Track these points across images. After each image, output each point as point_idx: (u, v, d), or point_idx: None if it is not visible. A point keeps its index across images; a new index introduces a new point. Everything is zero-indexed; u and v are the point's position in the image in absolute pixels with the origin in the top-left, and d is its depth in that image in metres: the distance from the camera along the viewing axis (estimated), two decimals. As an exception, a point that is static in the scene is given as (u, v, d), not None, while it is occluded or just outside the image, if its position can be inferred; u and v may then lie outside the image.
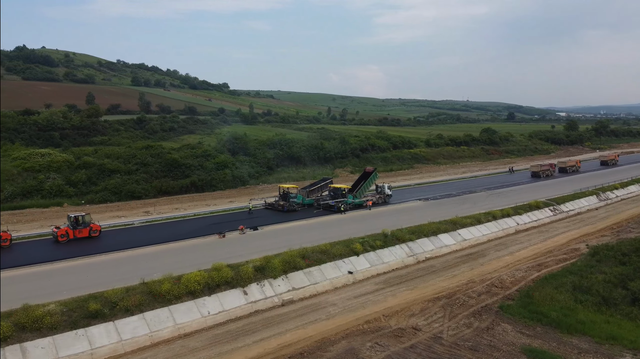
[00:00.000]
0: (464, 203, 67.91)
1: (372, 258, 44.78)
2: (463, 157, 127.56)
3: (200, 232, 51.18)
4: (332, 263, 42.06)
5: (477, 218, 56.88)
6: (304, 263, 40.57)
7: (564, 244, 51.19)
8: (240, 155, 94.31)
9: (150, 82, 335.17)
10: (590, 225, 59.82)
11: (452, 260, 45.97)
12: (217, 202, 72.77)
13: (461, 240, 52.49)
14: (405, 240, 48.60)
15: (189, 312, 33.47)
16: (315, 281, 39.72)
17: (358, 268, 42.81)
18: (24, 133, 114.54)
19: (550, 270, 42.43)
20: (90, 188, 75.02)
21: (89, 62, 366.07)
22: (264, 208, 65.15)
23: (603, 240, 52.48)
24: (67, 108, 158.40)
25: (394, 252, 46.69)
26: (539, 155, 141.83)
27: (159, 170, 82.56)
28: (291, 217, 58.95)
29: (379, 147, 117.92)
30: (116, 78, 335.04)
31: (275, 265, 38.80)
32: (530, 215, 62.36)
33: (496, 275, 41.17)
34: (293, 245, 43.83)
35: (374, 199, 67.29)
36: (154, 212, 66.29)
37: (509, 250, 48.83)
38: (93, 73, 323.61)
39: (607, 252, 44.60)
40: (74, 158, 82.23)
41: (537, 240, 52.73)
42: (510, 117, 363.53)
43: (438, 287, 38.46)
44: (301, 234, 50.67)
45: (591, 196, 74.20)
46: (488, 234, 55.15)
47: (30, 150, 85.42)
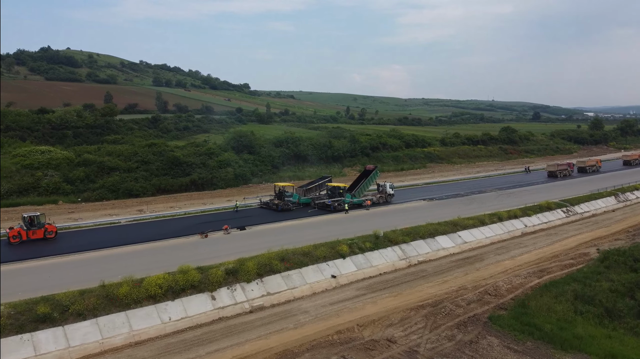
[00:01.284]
0: (470, 203, 64.18)
1: (359, 261, 41.71)
2: (479, 156, 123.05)
3: (184, 231, 48.91)
4: (314, 266, 39.14)
5: (481, 220, 53.22)
6: (283, 266, 37.75)
7: (572, 248, 47.20)
8: (244, 154, 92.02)
9: (172, 82, 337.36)
10: (604, 228, 55.50)
11: (446, 264, 42.55)
12: (215, 201, 70.55)
13: (461, 242, 48.95)
14: (399, 241, 45.35)
15: (148, 318, 30.96)
16: (293, 285, 36.86)
17: (343, 272, 39.78)
18: (38, 131, 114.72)
19: (553, 276, 38.71)
20: (88, 185, 73.66)
21: (112, 63, 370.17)
22: (259, 207, 62.61)
23: (616, 243, 48.30)
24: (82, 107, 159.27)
25: (385, 255, 43.52)
26: (560, 154, 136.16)
27: (159, 168, 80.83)
28: (284, 217, 56.22)
29: (391, 145, 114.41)
30: (138, 78, 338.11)
31: (250, 267, 36.06)
32: (540, 217, 58.33)
33: (492, 281, 37.66)
34: (278, 245, 41.21)
35: (374, 198, 64.10)
36: (147, 210, 64.44)
37: (510, 254, 45.11)
38: (115, 73, 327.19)
39: (618, 258, 40.55)
40: (75, 155, 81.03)
41: (543, 244, 48.83)
42: (536, 117, 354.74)
43: (425, 294, 35.17)
44: (290, 234, 47.95)
45: (609, 197, 69.55)
46: (491, 236, 51.45)
47: (31, 147, 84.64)
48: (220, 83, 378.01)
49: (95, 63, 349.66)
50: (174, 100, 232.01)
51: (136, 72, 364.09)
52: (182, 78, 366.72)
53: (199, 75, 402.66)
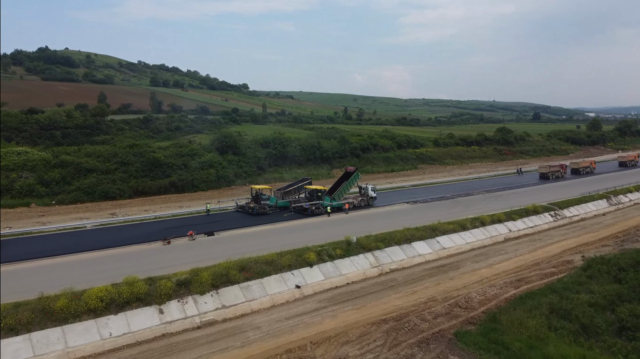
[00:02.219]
0: (455, 206, 61.71)
1: (327, 269, 39.28)
2: (473, 157, 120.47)
3: (149, 237, 46.53)
4: (277, 276, 36.73)
5: (462, 224, 50.71)
6: (242, 276, 35.35)
7: (556, 255, 44.67)
8: (228, 154, 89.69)
9: (169, 82, 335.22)
10: (592, 233, 52.92)
11: (419, 272, 40.08)
12: (194, 204, 68.25)
13: (439, 248, 46.49)
14: (372, 248, 42.93)
15: (87, 333, 28.63)
16: (252, 297, 34.45)
17: (308, 281, 37.37)
18: (25, 132, 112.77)
19: (531, 286, 36.23)
20: (63, 187, 71.47)
21: (110, 63, 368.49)
22: (236, 210, 60.23)
23: (603, 250, 45.77)
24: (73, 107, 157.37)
25: (356, 262, 41.10)
26: (556, 155, 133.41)
27: (139, 169, 78.52)
28: (258, 221, 53.82)
29: (382, 146, 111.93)
30: (135, 79, 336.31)
31: (204, 278, 33.64)
32: (526, 221, 55.78)
33: (464, 292, 35.18)
34: (244, 253, 39.02)
35: (355, 202, 61.68)
36: (120, 214, 62.24)
37: (488, 262, 42.60)
38: (113, 74, 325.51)
39: (601, 266, 37.99)
40: (52, 156, 78.79)
41: (525, 250, 46.30)
42: (536, 117, 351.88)
43: (390, 306, 32.73)
44: (260, 240, 45.61)
45: (600, 199, 66.93)
46: (472, 242, 48.95)
47: (8, 147, 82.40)
48: (218, 84, 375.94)
49: (92, 63, 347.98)
50: (170, 100, 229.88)
51: (134, 73, 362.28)
52: (180, 79, 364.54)
53: (197, 76, 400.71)
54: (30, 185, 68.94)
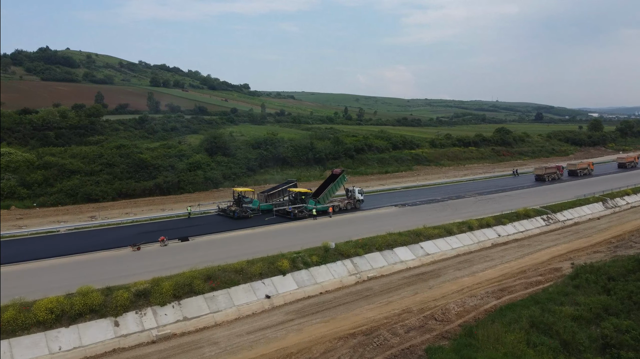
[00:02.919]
0: (444, 209, 59.71)
1: (302, 277, 37.39)
2: (470, 158, 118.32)
3: (121, 242, 44.70)
4: (246, 285, 34.87)
5: (448, 229, 48.72)
6: (207, 286, 33.48)
7: (544, 262, 42.60)
8: (218, 155, 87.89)
9: (169, 82, 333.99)
10: (584, 238, 50.78)
11: (397, 280, 38.11)
12: (178, 206, 66.40)
13: (422, 254, 44.52)
14: (351, 254, 41.04)
15: (34, 347, 26.87)
16: (217, 308, 32.58)
17: (280, 291, 35.48)
18: (18, 132, 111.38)
19: (514, 297, 34.23)
20: (45, 189, 69.84)
21: (111, 63, 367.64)
22: (217, 214, 58.39)
23: (595, 256, 43.69)
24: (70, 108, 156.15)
25: (333, 270, 39.20)
26: (555, 156, 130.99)
27: (124, 171, 76.85)
28: (239, 225, 51.94)
29: (377, 147, 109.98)
30: (136, 79, 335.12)
31: (165, 288, 31.83)
32: (517, 225, 53.74)
33: (442, 302, 33.20)
34: (217, 259, 37.51)
35: (340, 205, 59.75)
36: (99, 217, 60.54)
37: (472, 269, 40.57)
38: (113, 74, 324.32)
39: (590, 276, 35.92)
40: (36, 157, 77.19)
41: (512, 256, 44.24)
42: (538, 118, 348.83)
43: (361, 318, 30.79)
44: (236, 246, 43.75)
45: (596, 203, 64.73)
46: (458, 247, 46.97)
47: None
48: (219, 84, 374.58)
49: (93, 63, 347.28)
50: (169, 100, 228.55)
51: (134, 73, 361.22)
52: (180, 79, 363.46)
53: (198, 76, 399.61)
54: (11, 187, 67.37)
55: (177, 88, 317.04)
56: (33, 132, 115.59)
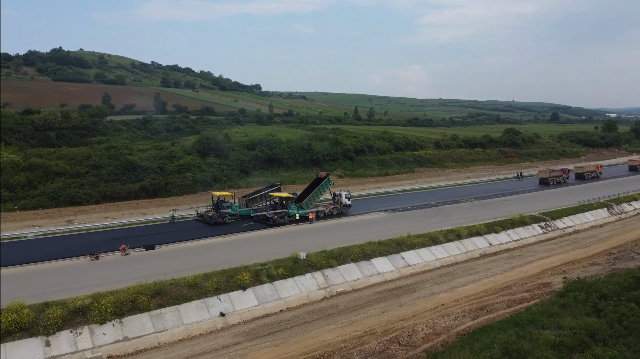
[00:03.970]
0: (435, 215, 56.34)
1: (264, 293, 34.44)
2: (476, 160, 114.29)
3: (86, 250, 42.14)
4: (199, 302, 32.04)
5: (434, 237, 45.39)
6: (154, 303, 30.73)
7: (533, 276, 39.08)
8: (210, 157, 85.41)
9: (180, 83, 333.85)
10: (582, 248, 47.00)
11: (368, 296, 34.95)
12: (161, 210, 63.85)
13: (403, 265, 41.28)
14: (323, 266, 38.01)
15: (-51, 372, 24.35)
16: (163, 327, 29.80)
17: (237, 308, 32.59)
18: (19, 132, 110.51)
19: (492, 317, 30.90)
20: (28, 192, 67.95)
21: (122, 64, 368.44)
22: (195, 219, 55.72)
23: (591, 270, 40.06)
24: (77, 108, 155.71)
25: (301, 284, 36.19)
26: (566, 158, 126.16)
27: (111, 172, 74.76)
28: (213, 232, 49.21)
29: (378, 148, 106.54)
30: (147, 79, 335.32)
31: (105, 305, 29.15)
32: (511, 234, 50.16)
33: (411, 323, 30.01)
34: (179, 271, 35.21)
35: (325, 210, 56.71)
36: (76, 221, 58.38)
37: (452, 283, 37.22)
38: (124, 74, 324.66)
39: (580, 294, 32.35)
40: (22, 159, 75.44)
41: (499, 269, 40.76)
42: (554, 118, 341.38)
43: (316, 342, 27.74)
44: (203, 255, 41.04)
45: (600, 209, 60.71)
46: (443, 258, 43.62)
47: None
48: (230, 84, 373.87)
49: (105, 64, 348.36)
50: (177, 100, 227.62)
51: (146, 73, 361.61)
52: (191, 79, 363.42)
53: (209, 76, 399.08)
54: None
55: (187, 89, 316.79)
56: (34, 132, 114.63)
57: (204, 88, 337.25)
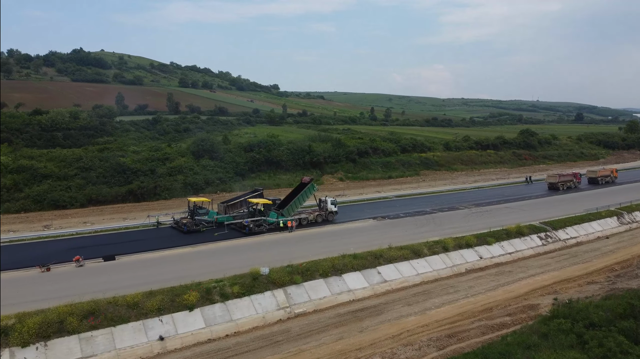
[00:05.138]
0: (427, 224, 52.47)
1: (214, 314, 31.26)
2: (487, 162, 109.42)
3: (46, 259, 39.61)
4: (137, 323, 29.08)
5: (417, 250, 41.65)
6: (86, 324, 27.87)
7: (520, 296, 35.05)
8: (205, 159, 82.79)
9: (198, 83, 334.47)
10: (582, 264, 42.61)
11: (327, 319, 31.45)
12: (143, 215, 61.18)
13: (379, 281, 37.69)
14: (286, 283, 34.68)
15: None
16: (92, 352, 26.96)
17: (180, 331, 29.50)
18: (27, 133, 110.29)
19: (461, 347, 27.17)
20: (13, 195, 66.23)
21: (142, 64, 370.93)
22: (171, 226, 52.90)
23: (587, 289, 35.86)
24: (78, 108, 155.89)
25: (258, 303, 32.92)
26: (583, 161, 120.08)
27: (100, 175, 72.58)
28: (183, 241, 46.24)
29: (383, 150, 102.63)
30: (165, 79, 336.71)
31: (29, 326, 26.40)
32: (505, 246, 46.03)
33: (367, 353, 26.49)
34: (131, 286, 32.73)
35: (309, 217, 53.34)
36: (53, 227, 56.34)
37: (425, 305, 33.45)
38: (143, 75, 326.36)
39: (564, 322, 28.29)
40: (12, 161, 73.93)
41: (483, 287, 36.77)
42: (579, 118, 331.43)
43: (251, 376, 24.42)
44: (163, 268, 38.16)
45: (609, 217, 55.96)
46: (425, 273, 39.85)
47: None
48: (248, 84, 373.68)
49: (125, 64, 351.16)
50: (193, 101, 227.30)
51: (165, 74, 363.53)
52: (209, 80, 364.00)
53: (228, 77, 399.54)
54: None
55: (205, 89, 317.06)
56: (41, 133, 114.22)
57: (221, 89, 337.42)
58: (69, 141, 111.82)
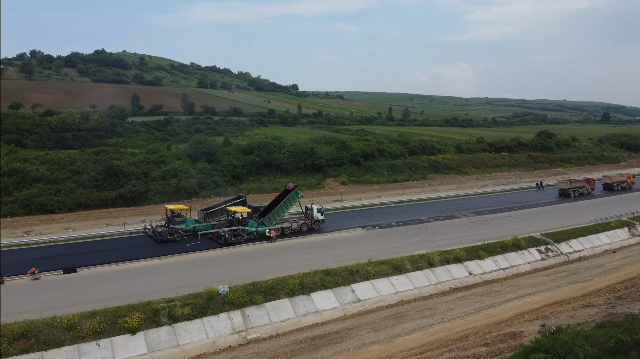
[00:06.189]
0: (417, 235, 48.95)
1: (158, 338, 28.60)
2: (500, 165, 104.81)
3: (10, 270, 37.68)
4: (72, 348, 26.72)
5: (398, 265, 38.29)
6: (15, 348, 25.55)
7: (503, 321, 31.42)
8: (201, 161, 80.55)
9: (217, 84, 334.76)
10: (581, 283, 38.60)
11: (280, 347, 28.40)
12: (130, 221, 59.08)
13: (352, 301, 34.51)
14: (245, 303, 31.80)
15: None
16: (14, 381, 24.50)
17: (118, 357, 26.92)
18: (36, 134, 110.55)
19: (422, 384, 23.81)
20: (2, 198, 64.88)
21: (162, 65, 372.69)
22: (146, 234, 50.45)
23: (581, 314, 32.04)
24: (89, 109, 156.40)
25: (210, 326, 30.12)
26: (604, 164, 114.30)
27: (92, 178, 70.83)
28: (152, 252, 43.52)
29: (390, 152, 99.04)
30: (184, 80, 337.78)
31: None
32: (499, 260, 42.30)
33: (312, 391, 23.37)
34: (75, 304, 30.31)
35: (293, 226, 50.37)
36: (33, 233, 54.55)
37: (394, 331, 30.08)
38: (162, 75, 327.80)
39: (543, 357, 24.70)
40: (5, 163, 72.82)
41: (463, 310, 33.16)
42: (605, 118, 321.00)
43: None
44: (115, 284, 35.49)
45: (620, 228, 51.55)
46: (405, 291, 36.48)
47: (-37, 154, 77.34)
48: (266, 85, 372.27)
49: (145, 65, 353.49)
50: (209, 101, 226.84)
51: (184, 74, 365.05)
52: (229, 80, 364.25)
53: (247, 77, 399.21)
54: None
55: (223, 90, 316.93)
56: (51, 134, 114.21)
57: (239, 89, 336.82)
58: (78, 142, 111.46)
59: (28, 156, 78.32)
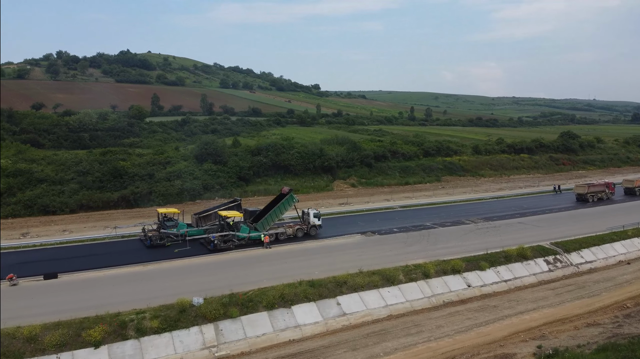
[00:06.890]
0: (418, 242, 46.49)
1: (123, 352, 27.08)
2: (519, 167, 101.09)
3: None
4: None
5: (390, 276, 36.02)
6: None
7: (496, 341, 28.88)
8: (207, 163, 79.37)
9: (239, 84, 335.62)
10: (587, 298, 35.64)
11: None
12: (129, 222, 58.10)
13: (337, 315, 32.42)
14: (219, 317, 30.03)
15: None
16: (-39, 397, 23.19)
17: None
18: (54, 134, 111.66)
19: (394, 414, 21.61)
20: (5, 200, 64.82)
21: (185, 66, 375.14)
22: (139, 238, 49.19)
23: (584, 334, 29.29)
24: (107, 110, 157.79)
25: (180, 341, 28.47)
26: (629, 166, 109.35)
27: (97, 179, 70.31)
28: (138, 258, 42.26)
29: (403, 153, 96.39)
30: (207, 80, 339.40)
31: None
32: (502, 271, 39.60)
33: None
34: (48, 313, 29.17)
35: (288, 231, 48.48)
36: (30, 235, 54.15)
37: (374, 350, 27.84)
38: (185, 76, 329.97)
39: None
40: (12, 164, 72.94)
41: (453, 328, 30.69)
42: (635, 118, 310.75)
43: None
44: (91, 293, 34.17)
45: (637, 237, 48.12)
46: (395, 305, 34.20)
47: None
48: (288, 85, 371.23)
49: (169, 65, 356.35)
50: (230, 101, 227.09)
51: (207, 75, 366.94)
52: (251, 80, 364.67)
53: (269, 77, 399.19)
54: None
55: (245, 90, 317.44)
56: (68, 134, 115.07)
57: (261, 89, 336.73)
58: (95, 142, 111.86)
59: (36, 156, 78.35)
